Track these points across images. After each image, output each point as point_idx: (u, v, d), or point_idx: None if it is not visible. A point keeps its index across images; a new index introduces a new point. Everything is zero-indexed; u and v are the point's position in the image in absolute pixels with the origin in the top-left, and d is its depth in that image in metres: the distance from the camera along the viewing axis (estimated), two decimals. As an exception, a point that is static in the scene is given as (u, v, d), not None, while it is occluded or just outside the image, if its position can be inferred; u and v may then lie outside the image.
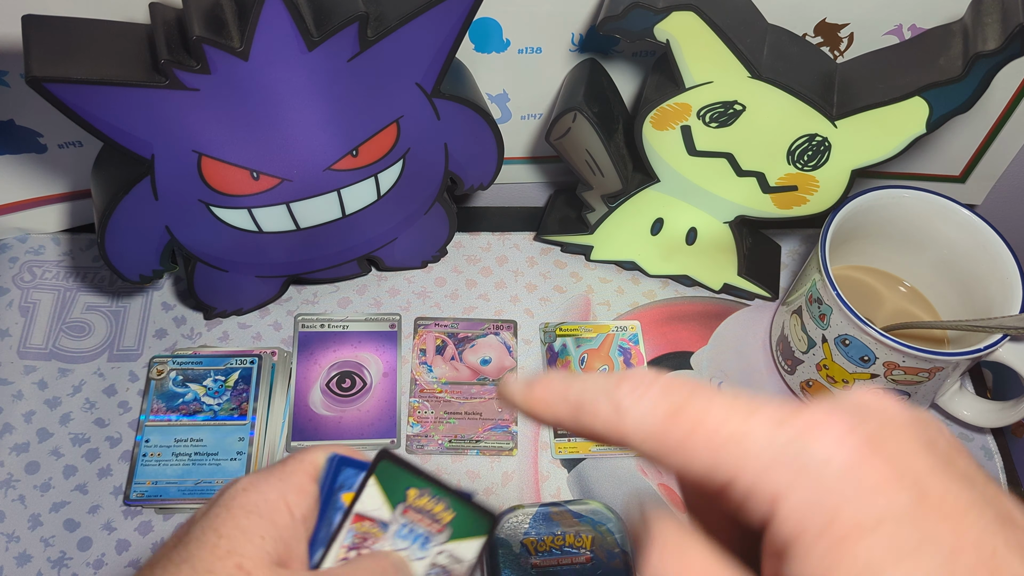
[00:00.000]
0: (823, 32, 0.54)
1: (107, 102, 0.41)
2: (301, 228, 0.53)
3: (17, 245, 0.63)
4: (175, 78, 0.41)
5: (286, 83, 0.44)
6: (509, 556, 0.50)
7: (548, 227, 0.65)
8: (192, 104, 0.42)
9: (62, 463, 0.54)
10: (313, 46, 0.42)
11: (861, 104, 0.49)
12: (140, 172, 0.46)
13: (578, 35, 0.55)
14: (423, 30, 0.44)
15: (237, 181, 0.48)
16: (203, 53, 0.40)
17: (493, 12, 0.53)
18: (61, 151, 0.58)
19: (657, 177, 0.57)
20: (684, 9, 0.46)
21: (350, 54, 0.44)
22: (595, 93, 0.54)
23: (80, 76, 0.39)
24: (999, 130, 0.60)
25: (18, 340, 0.59)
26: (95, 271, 0.62)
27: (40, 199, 0.61)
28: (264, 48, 0.41)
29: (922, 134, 0.50)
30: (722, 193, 0.57)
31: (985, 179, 0.64)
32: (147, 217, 0.48)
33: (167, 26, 0.41)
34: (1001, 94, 0.57)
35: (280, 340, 0.60)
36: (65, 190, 0.61)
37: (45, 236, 0.64)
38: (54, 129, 0.56)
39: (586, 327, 0.61)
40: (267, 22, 0.40)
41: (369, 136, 0.49)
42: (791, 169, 0.54)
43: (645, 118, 0.53)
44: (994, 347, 0.49)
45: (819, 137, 0.51)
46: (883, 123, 0.50)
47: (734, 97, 0.50)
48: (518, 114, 0.61)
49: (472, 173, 0.56)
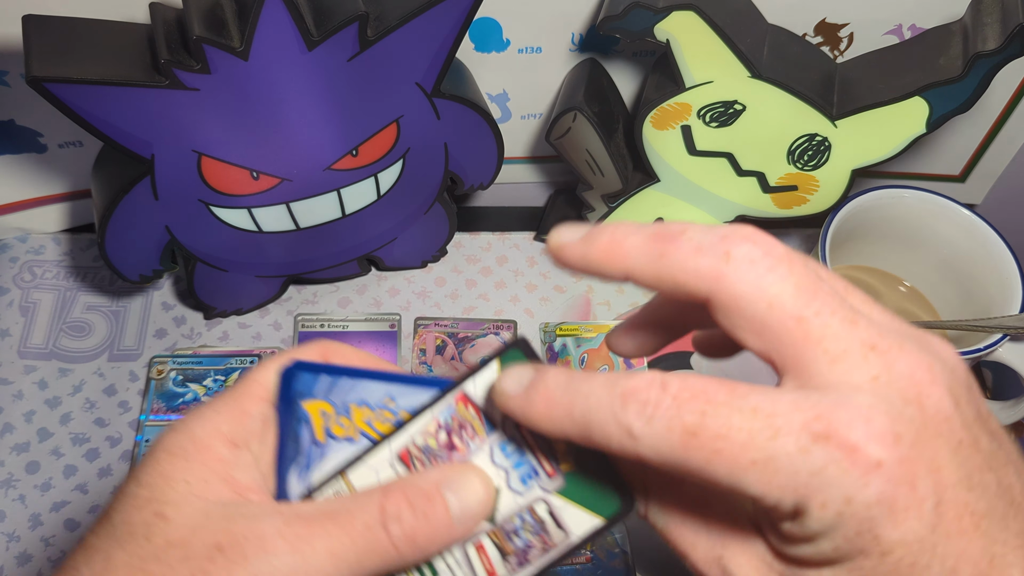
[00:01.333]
0: (823, 32, 0.54)
1: (107, 102, 0.41)
2: (301, 228, 0.53)
3: (17, 245, 0.63)
4: (175, 78, 0.41)
5: (286, 83, 0.44)
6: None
7: (548, 227, 0.65)
8: (192, 104, 0.42)
9: (62, 463, 0.54)
10: (313, 46, 0.42)
11: (861, 104, 0.49)
12: (140, 172, 0.46)
13: (578, 35, 0.55)
14: (423, 30, 0.44)
15: (237, 181, 0.48)
16: (203, 53, 0.40)
17: (493, 12, 0.53)
18: (61, 151, 0.58)
19: (657, 177, 0.57)
20: (684, 9, 0.46)
21: (350, 54, 0.44)
22: (595, 93, 0.54)
23: (80, 76, 0.39)
24: (999, 130, 0.60)
25: (18, 340, 0.59)
26: (95, 271, 0.62)
27: (40, 199, 0.61)
28: (264, 48, 0.41)
29: (922, 134, 0.50)
30: (722, 193, 0.57)
31: (985, 179, 0.64)
32: (147, 217, 0.48)
33: (167, 26, 0.41)
34: (1001, 94, 0.57)
35: (280, 340, 0.60)
36: (65, 190, 0.61)
37: (45, 236, 0.64)
38: (54, 129, 0.56)
39: (586, 327, 0.61)
40: (267, 22, 0.40)
41: (369, 136, 0.49)
42: (791, 169, 0.54)
43: (645, 118, 0.53)
44: (994, 347, 0.49)
45: (819, 137, 0.51)
46: (883, 123, 0.50)
47: (734, 97, 0.50)
48: (518, 114, 0.61)
49: (472, 173, 0.56)
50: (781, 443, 0.20)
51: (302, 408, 0.28)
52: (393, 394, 0.28)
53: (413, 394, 0.28)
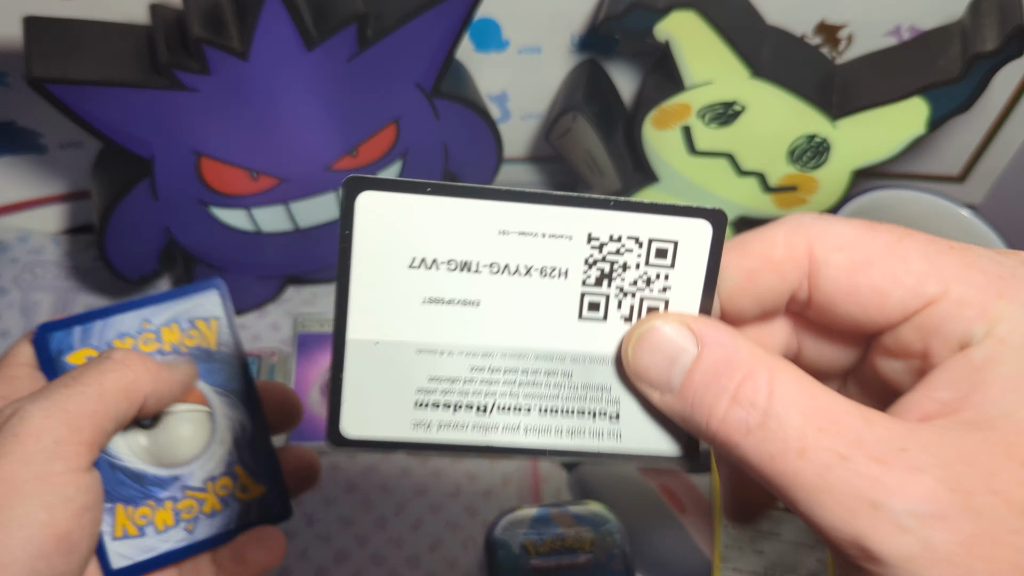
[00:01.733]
0: (823, 32, 0.54)
1: (107, 103, 0.41)
2: (300, 228, 0.53)
3: (18, 246, 0.63)
4: (175, 79, 0.41)
5: (286, 83, 0.44)
6: (508, 558, 0.50)
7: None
8: (192, 104, 0.43)
9: (62, 463, 0.54)
10: (313, 46, 0.42)
11: (861, 104, 0.49)
12: (140, 173, 0.46)
13: (578, 35, 0.55)
14: (423, 30, 0.44)
15: (236, 181, 0.48)
16: (203, 53, 0.40)
17: (493, 12, 0.53)
18: (61, 152, 0.58)
19: (657, 177, 0.57)
20: (684, 7, 0.46)
21: (350, 54, 0.44)
22: (595, 93, 0.54)
23: (80, 77, 0.39)
24: (999, 130, 0.60)
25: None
26: (95, 271, 0.62)
27: (40, 199, 0.61)
28: (264, 48, 0.41)
29: (922, 134, 0.50)
30: (723, 193, 0.57)
31: (984, 179, 0.64)
32: (147, 218, 0.48)
33: (167, 27, 0.41)
34: (1000, 94, 0.57)
35: (279, 340, 0.60)
36: (65, 191, 0.61)
37: (46, 237, 0.64)
38: (54, 130, 0.56)
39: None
40: (267, 22, 0.40)
41: (368, 136, 0.49)
42: (791, 169, 0.54)
43: (645, 118, 0.53)
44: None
45: (819, 137, 0.51)
46: (883, 123, 0.50)
47: (734, 97, 0.50)
48: (518, 114, 0.61)
49: (472, 173, 0.56)
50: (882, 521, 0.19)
51: (68, 363, 0.30)
52: (147, 316, 0.31)
53: (164, 311, 0.31)
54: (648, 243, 0.23)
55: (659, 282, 0.24)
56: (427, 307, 0.23)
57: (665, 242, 0.24)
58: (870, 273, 0.22)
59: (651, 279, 0.24)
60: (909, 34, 0.54)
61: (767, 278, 0.23)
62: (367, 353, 0.23)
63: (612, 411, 0.24)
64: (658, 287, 0.24)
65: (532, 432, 0.24)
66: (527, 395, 0.24)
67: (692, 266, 0.24)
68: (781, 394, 0.20)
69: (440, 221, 0.23)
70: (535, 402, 0.24)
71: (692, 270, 0.24)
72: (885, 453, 0.19)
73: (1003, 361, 0.20)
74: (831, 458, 0.19)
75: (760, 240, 0.24)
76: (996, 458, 0.19)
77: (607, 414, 0.24)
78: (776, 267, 0.23)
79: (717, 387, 0.21)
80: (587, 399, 0.24)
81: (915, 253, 0.22)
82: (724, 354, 0.22)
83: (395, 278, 0.23)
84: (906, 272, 0.22)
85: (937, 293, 0.21)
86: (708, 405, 0.21)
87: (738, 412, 0.21)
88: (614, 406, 0.24)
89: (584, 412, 0.24)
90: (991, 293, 0.21)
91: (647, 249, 0.23)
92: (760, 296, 0.24)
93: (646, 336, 0.23)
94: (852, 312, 0.23)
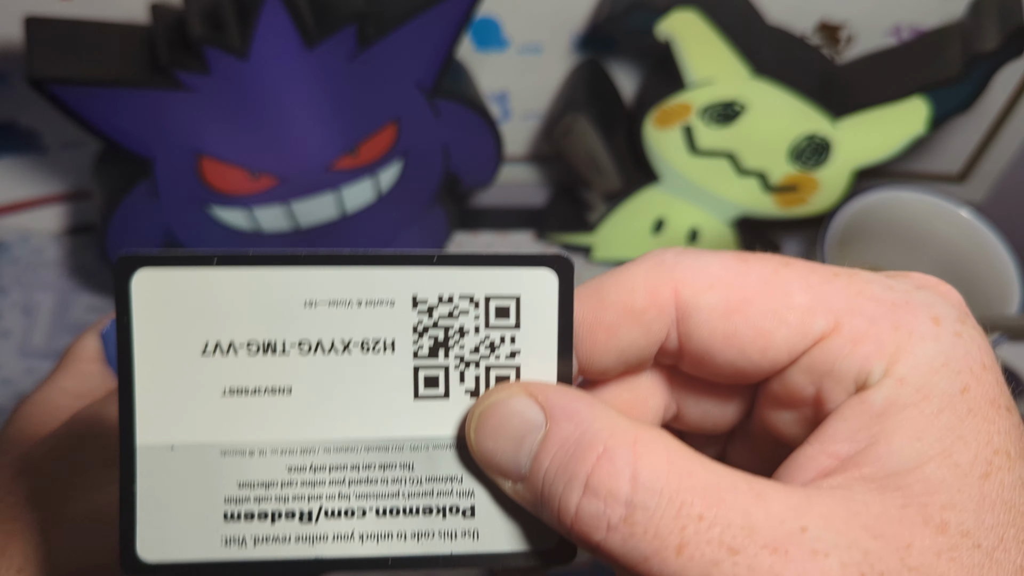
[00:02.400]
0: (823, 32, 0.54)
1: (108, 103, 0.41)
2: (301, 228, 0.53)
3: (19, 246, 0.63)
4: (175, 79, 0.41)
5: (286, 83, 0.44)
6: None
7: (549, 226, 0.65)
8: (192, 104, 0.43)
9: (63, 463, 0.54)
10: (313, 45, 0.42)
11: (861, 104, 0.50)
12: (141, 172, 0.46)
13: (579, 35, 0.55)
14: (423, 30, 0.44)
15: (236, 181, 0.48)
16: (203, 53, 0.41)
17: (493, 11, 0.53)
18: (63, 152, 0.58)
19: (658, 177, 0.57)
20: (685, 7, 0.46)
21: (350, 54, 0.44)
22: (595, 93, 0.54)
23: (81, 77, 0.39)
24: (999, 130, 0.60)
25: (20, 340, 0.59)
26: (97, 272, 0.62)
27: (42, 199, 0.61)
28: (264, 48, 0.41)
29: (922, 134, 0.50)
30: (723, 193, 0.57)
31: (985, 179, 0.65)
32: (148, 217, 0.49)
33: (167, 27, 0.42)
34: (1001, 94, 0.58)
35: (281, 340, 0.60)
36: (66, 191, 0.61)
37: (47, 237, 0.64)
38: (55, 130, 0.56)
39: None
40: (267, 22, 0.40)
41: (368, 135, 0.49)
42: (791, 169, 0.54)
43: (646, 118, 0.53)
44: (993, 347, 0.49)
45: (819, 137, 0.51)
46: (883, 123, 0.50)
47: (735, 96, 0.51)
48: (518, 114, 0.61)
49: (472, 173, 0.56)
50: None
51: None
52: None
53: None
54: (485, 301, 0.20)
55: (505, 346, 0.20)
56: (229, 400, 0.20)
57: (505, 299, 0.20)
58: (747, 312, 0.19)
59: (495, 343, 0.20)
60: (909, 34, 0.54)
61: (628, 332, 0.20)
62: (162, 460, 0.20)
63: (465, 506, 0.21)
64: (504, 352, 0.20)
65: (370, 540, 0.20)
66: (360, 495, 0.20)
67: (540, 324, 0.20)
68: (648, 476, 0.17)
69: (233, 297, 0.19)
70: (370, 503, 0.20)
71: (541, 329, 0.20)
72: (782, 539, 0.16)
73: (905, 404, 0.18)
74: (718, 553, 0.16)
75: (617, 287, 0.20)
76: (909, 526, 0.16)
77: (459, 510, 0.21)
78: (637, 318, 0.20)
79: (567, 473, 0.18)
80: (434, 494, 0.21)
81: (796, 284, 0.19)
82: (574, 430, 0.18)
83: (187, 369, 0.20)
84: (788, 307, 0.19)
85: (826, 328, 0.19)
86: (557, 496, 0.18)
87: (594, 505, 0.17)
88: (467, 500, 0.21)
89: (431, 510, 0.20)
90: (886, 324, 0.18)
91: (485, 309, 0.20)
92: (623, 352, 0.20)
93: (487, 413, 0.19)
94: (731, 358, 0.19)
